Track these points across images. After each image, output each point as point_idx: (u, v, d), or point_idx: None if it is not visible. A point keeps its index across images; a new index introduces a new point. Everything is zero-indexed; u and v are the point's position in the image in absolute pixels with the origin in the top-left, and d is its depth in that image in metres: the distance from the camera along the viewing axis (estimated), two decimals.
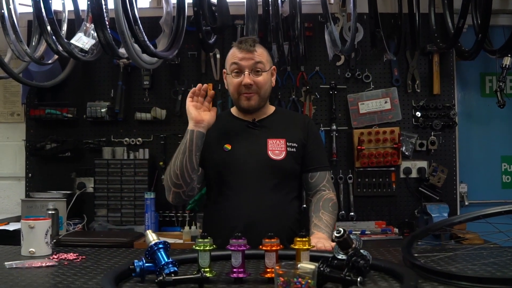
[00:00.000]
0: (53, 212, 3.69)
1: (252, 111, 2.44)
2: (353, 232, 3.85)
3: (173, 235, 3.94)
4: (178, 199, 2.36)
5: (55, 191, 4.11)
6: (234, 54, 2.39)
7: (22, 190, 4.31)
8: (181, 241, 3.77)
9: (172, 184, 2.31)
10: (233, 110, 2.55)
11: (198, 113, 2.29)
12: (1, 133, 4.43)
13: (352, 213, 4.14)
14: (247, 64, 2.35)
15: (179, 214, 4.11)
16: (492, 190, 4.30)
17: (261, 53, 2.39)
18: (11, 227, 3.67)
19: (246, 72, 2.35)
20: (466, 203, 4.20)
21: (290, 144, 2.41)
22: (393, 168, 4.15)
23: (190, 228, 3.84)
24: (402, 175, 4.18)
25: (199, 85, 2.31)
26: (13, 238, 3.32)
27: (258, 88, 2.38)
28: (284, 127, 2.47)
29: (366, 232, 3.90)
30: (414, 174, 4.18)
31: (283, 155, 2.38)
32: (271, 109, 2.55)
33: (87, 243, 3.30)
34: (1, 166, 4.41)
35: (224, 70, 2.49)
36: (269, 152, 2.38)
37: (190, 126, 2.29)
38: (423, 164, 4.18)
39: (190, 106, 2.30)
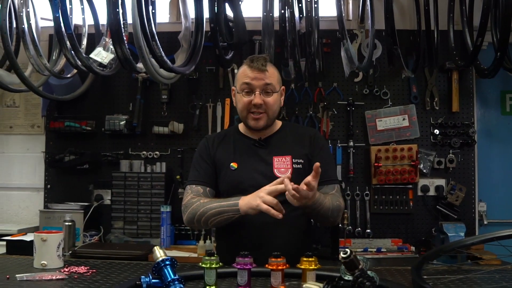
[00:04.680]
0: (69, 223, 3.72)
1: (260, 130, 2.44)
2: (367, 249, 3.82)
3: (188, 248, 3.94)
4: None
5: (72, 203, 4.16)
6: (245, 73, 2.38)
7: (41, 201, 4.36)
8: (195, 255, 3.77)
9: (199, 226, 2.36)
10: (241, 127, 2.55)
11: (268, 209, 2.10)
12: (22, 144, 4.49)
13: (368, 230, 4.10)
14: (258, 84, 2.35)
15: None
16: None
17: (272, 73, 2.39)
18: (28, 237, 3.70)
19: (257, 92, 2.35)
20: (485, 222, 4.13)
21: (296, 160, 2.39)
22: (410, 186, 4.11)
23: (204, 242, 3.85)
24: (419, 193, 4.13)
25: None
26: (30, 249, 3.32)
27: (267, 109, 2.38)
28: (290, 143, 2.46)
29: (382, 250, 3.85)
30: (431, 192, 4.13)
31: (289, 172, 2.34)
32: (278, 125, 2.53)
33: (102, 255, 3.31)
34: (21, 177, 4.48)
35: (233, 88, 2.51)
36: (275, 170, 2.37)
37: (244, 207, 2.18)
38: (441, 182, 4.13)
39: (268, 203, 2.11)
